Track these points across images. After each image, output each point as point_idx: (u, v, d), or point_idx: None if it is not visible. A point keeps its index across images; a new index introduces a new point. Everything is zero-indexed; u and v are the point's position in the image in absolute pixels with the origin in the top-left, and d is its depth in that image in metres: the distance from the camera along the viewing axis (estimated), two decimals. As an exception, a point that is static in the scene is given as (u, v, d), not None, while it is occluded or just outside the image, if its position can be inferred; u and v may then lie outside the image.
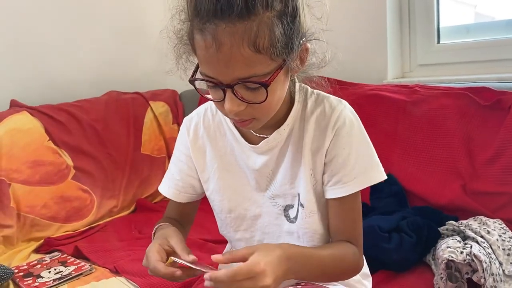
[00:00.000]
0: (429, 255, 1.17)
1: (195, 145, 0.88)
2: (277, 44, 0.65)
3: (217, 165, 0.87)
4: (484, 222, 1.14)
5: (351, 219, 0.82)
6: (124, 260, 1.32)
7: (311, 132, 0.79)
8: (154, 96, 2.05)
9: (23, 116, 1.66)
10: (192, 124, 0.90)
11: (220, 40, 0.63)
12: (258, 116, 0.72)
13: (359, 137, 0.79)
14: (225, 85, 0.67)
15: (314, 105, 0.81)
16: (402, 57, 1.77)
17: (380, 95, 1.52)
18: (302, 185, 0.81)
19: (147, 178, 1.88)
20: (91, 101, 1.89)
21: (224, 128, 0.87)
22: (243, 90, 0.68)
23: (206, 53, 0.66)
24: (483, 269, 0.99)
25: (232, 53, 0.63)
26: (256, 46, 0.63)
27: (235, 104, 0.69)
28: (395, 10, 1.73)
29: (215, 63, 0.66)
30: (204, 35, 0.65)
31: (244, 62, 0.64)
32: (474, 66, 1.59)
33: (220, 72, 0.66)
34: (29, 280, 1.24)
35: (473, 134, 1.32)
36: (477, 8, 1.86)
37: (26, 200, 1.56)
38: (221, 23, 0.63)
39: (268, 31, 0.64)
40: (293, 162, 0.81)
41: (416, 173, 1.39)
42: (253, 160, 0.83)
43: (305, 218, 0.83)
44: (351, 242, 0.82)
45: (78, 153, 1.73)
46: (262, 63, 0.66)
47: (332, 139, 0.78)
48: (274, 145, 0.82)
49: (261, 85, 0.66)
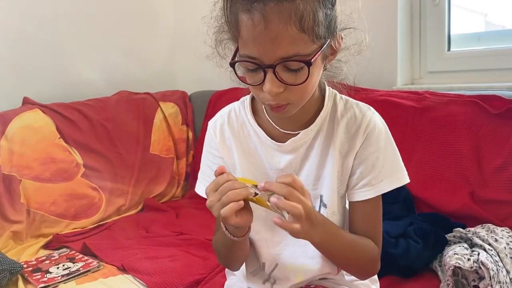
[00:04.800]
0: (435, 262, 1.17)
1: (223, 146, 0.88)
2: (320, 26, 0.68)
3: (242, 166, 0.87)
4: (492, 230, 1.14)
5: (373, 221, 0.84)
6: (131, 258, 1.34)
7: (341, 134, 0.81)
8: (164, 97, 2.07)
9: (35, 114, 1.69)
10: (218, 126, 0.89)
11: (268, 18, 0.66)
12: (294, 100, 0.74)
13: (387, 142, 0.81)
14: (267, 65, 0.69)
15: (344, 109, 0.83)
16: (412, 64, 1.77)
17: (389, 101, 1.52)
18: (327, 185, 0.82)
19: (155, 177, 1.89)
20: (102, 100, 1.91)
21: (247, 129, 0.87)
22: (283, 72, 0.70)
23: (254, 31, 0.67)
24: (490, 276, 0.99)
25: (280, 30, 0.66)
26: (302, 25, 0.66)
27: (275, 85, 0.70)
28: (406, 17, 1.73)
29: (262, 41, 0.67)
30: (252, 14, 0.67)
31: (289, 40, 0.67)
32: (485, 74, 1.59)
33: (265, 50, 0.68)
34: (38, 275, 1.26)
35: (482, 142, 1.32)
36: (488, 17, 1.86)
37: (36, 196, 1.58)
38: (270, 2, 0.66)
39: (312, 13, 0.67)
40: (319, 163, 0.82)
41: (424, 179, 1.39)
42: (278, 159, 0.84)
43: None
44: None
45: (88, 151, 1.75)
46: (305, 43, 0.68)
47: (363, 143, 0.80)
48: (300, 145, 0.83)
49: (304, 63, 0.68)
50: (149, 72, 2.26)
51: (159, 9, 2.29)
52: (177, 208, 1.81)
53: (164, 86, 2.20)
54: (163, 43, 2.31)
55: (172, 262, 1.31)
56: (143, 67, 2.23)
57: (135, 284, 1.23)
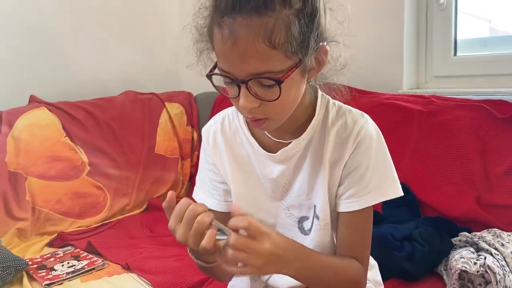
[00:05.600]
0: (441, 266, 1.17)
1: (215, 153, 0.87)
2: (293, 41, 0.64)
3: (234, 174, 0.86)
4: (498, 235, 1.14)
5: (360, 235, 0.80)
6: (136, 257, 1.34)
7: (331, 144, 0.78)
8: (169, 98, 2.07)
9: (41, 112, 1.70)
10: (211, 133, 0.88)
11: (236, 34, 0.63)
12: (271, 115, 0.71)
13: (378, 152, 0.78)
14: (239, 81, 0.67)
15: (336, 117, 0.80)
16: (418, 68, 1.77)
17: (395, 105, 1.52)
18: (319, 196, 0.80)
19: (160, 177, 1.89)
20: (109, 99, 1.92)
21: (240, 136, 0.85)
22: (257, 87, 0.67)
23: (223, 47, 0.66)
24: (496, 281, 0.99)
25: (247, 47, 0.63)
26: (272, 41, 0.63)
27: (249, 100, 0.68)
28: (413, 21, 1.73)
29: (231, 57, 0.66)
30: (222, 28, 0.65)
31: (259, 57, 0.64)
32: (491, 79, 1.59)
33: (235, 66, 0.66)
34: (43, 272, 1.26)
35: (489, 146, 1.32)
36: (492, 23, 1.86)
37: (41, 194, 1.58)
38: (238, 17, 0.63)
39: (285, 28, 0.64)
40: (311, 173, 0.80)
41: (429, 183, 1.39)
42: (270, 169, 0.82)
43: (319, 231, 0.82)
44: (356, 259, 0.80)
45: (93, 150, 1.76)
46: (277, 60, 0.65)
47: (352, 152, 0.77)
48: (292, 155, 0.80)
49: (274, 81, 0.66)
50: (155, 73, 2.26)
51: (165, 9, 2.30)
52: (181, 208, 1.80)
53: (169, 86, 2.20)
54: (169, 44, 2.32)
55: (176, 262, 1.32)
56: (149, 67, 2.24)
57: (140, 283, 1.23)
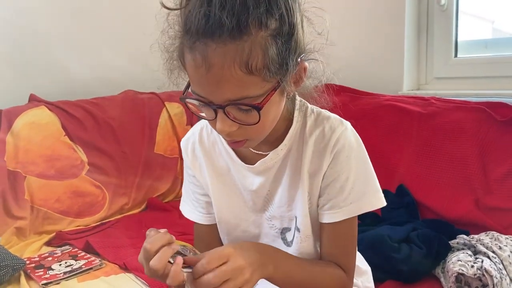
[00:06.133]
0: (438, 268, 1.16)
1: (195, 164, 0.86)
2: (271, 65, 0.61)
3: (214, 185, 0.84)
4: (496, 238, 1.14)
5: (344, 246, 0.79)
6: (133, 257, 1.33)
7: (309, 153, 0.76)
8: (169, 97, 2.07)
9: (41, 111, 1.70)
10: (189, 145, 0.87)
11: (210, 61, 0.60)
12: (251, 137, 0.70)
13: (358, 162, 0.76)
14: (216, 106, 0.64)
15: (314, 125, 0.77)
16: (418, 69, 1.77)
17: (395, 106, 1.52)
18: (300, 208, 0.78)
19: (159, 177, 1.89)
20: (108, 99, 1.92)
21: (219, 148, 0.83)
22: (235, 111, 0.65)
23: (196, 73, 0.63)
24: (493, 284, 0.99)
25: (223, 74, 0.60)
26: (249, 67, 0.60)
27: (226, 124, 0.65)
28: (414, 22, 1.73)
29: (205, 84, 0.63)
30: (194, 54, 0.61)
31: (236, 83, 0.61)
32: (491, 81, 1.59)
33: (211, 92, 0.63)
34: (40, 272, 1.26)
35: (488, 149, 1.32)
36: (495, 24, 1.85)
37: (40, 193, 1.58)
38: (211, 43, 0.59)
39: (262, 52, 0.60)
40: (291, 184, 0.78)
41: (428, 185, 1.39)
42: (250, 180, 0.81)
43: (300, 243, 0.81)
44: (341, 267, 0.78)
45: (92, 149, 1.75)
46: (255, 85, 0.62)
47: (331, 163, 0.75)
48: (271, 165, 0.79)
49: (253, 108, 0.63)
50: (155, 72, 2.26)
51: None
52: (180, 208, 1.80)
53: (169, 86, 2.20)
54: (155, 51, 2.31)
55: (174, 262, 1.31)
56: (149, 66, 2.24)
57: (137, 283, 1.23)
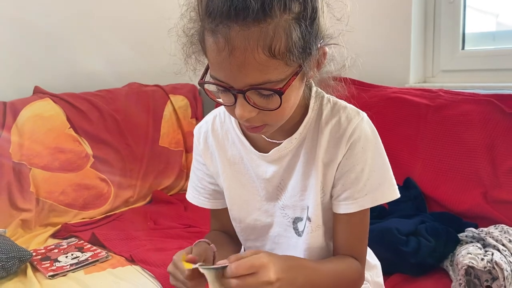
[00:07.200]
0: (447, 261, 1.16)
1: (206, 153, 0.86)
2: (294, 49, 0.61)
3: (226, 174, 0.84)
4: (505, 231, 1.13)
5: (357, 236, 0.80)
6: (140, 249, 1.33)
7: (324, 143, 0.75)
8: (174, 90, 2.06)
9: (46, 103, 1.69)
10: (202, 133, 0.87)
11: (233, 44, 0.59)
12: (270, 122, 0.69)
13: (374, 153, 0.75)
14: (236, 90, 0.63)
15: (330, 115, 0.76)
16: (425, 62, 1.76)
17: (402, 98, 1.51)
18: (312, 197, 0.78)
19: (164, 170, 1.89)
20: (113, 91, 1.91)
21: (232, 136, 0.83)
22: (255, 96, 0.64)
23: (218, 57, 0.61)
24: (504, 277, 0.98)
25: (246, 58, 0.59)
26: (272, 51, 0.59)
27: (246, 110, 0.65)
28: (421, 15, 1.71)
29: (227, 68, 0.61)
30: (216, 37, 0.60)
31: (258, 67, 0.60)
32: (499, 74, 1.57)
33: (232, 77, 0.62)
34: (47, 264, 1.26)
35: (497, 141, 1.31)
36: (499, 18, 1.84)
37: (45, 185, 1.58)
38: (235, 26, 0.58)
39: (285, 35, 0.60)
40: (304, 173, 0.78)
41: (436, 178, 1.38)
42: (263, 169, 0.80)
43: (311, 233, 0.81)
44: (354, 257, 0.79)
45: (97, 142, 1.75)
46: (277, 69, 0.61)
47: (346, 153, 0.74)
48: (285, 154, 0.78)
49: (275, 92, 0.63)
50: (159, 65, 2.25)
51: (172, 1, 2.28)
52: (185, 201, 1.75)
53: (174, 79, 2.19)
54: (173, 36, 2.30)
55: (180, 254, 1.31)
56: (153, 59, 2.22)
57: (143, 275, 1.23)
